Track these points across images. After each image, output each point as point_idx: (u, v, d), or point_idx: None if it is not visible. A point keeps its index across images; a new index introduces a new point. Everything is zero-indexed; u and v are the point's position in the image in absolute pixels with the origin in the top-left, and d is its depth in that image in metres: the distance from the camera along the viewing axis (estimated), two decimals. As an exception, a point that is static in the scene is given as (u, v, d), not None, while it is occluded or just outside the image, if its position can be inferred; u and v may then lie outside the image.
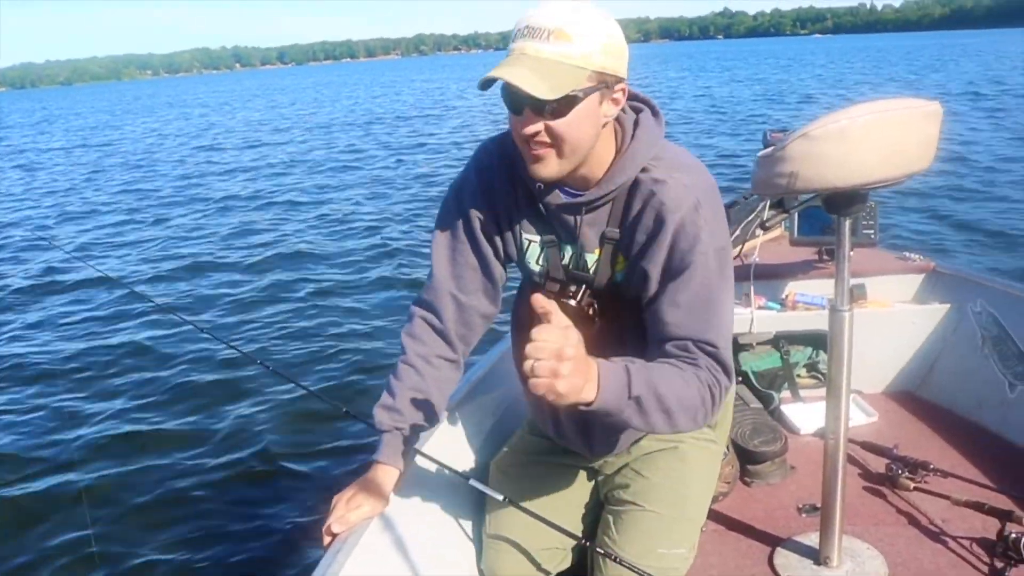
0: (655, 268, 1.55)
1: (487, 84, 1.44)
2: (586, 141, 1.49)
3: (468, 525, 2.11)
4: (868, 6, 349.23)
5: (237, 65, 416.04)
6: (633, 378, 1.39)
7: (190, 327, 5.69)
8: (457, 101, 33.84)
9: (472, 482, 1.87)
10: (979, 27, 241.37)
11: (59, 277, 8.33)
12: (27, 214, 12.74)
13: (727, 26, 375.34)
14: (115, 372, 5.65)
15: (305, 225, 10.58)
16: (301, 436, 4.43)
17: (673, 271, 1.53)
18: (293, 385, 2.28)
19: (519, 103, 1.44)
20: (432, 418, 1.85)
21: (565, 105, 1.42)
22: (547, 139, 1.46)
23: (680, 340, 1.52)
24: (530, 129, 1.45)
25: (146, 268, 8.65)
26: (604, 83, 1.45)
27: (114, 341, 6.33)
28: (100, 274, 7.00)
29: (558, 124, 1.44)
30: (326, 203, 12.15)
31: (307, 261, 8.56)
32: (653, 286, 1.56)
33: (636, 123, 1.58)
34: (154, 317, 6.63)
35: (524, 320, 1.91)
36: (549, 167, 1.51)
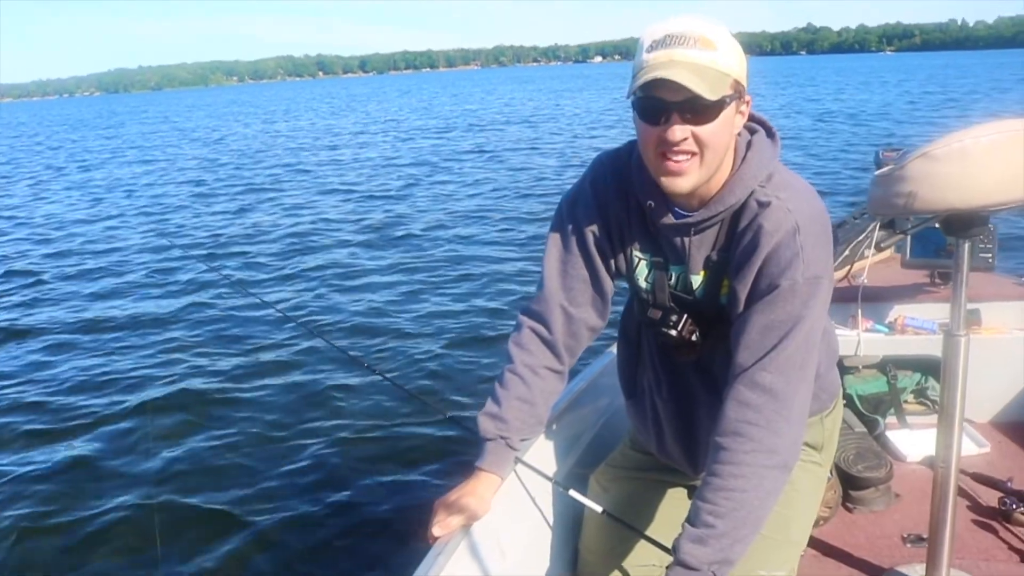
0: (744, 289, 1.53)
1: (647, 87, 1.41)
2: (723, 151, 1.49)
3: (566, 536, 2.12)
4: (959, 22, 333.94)
5: (320, 73, 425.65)
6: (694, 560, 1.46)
7: (298, 327, 5.93)
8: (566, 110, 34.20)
9: (572, 493, 1.88)
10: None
11: (166, 263, 8.87)
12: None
13: (810, 42, 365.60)
14: (212, 361, 5.94)
15: (411, 228, 10.82)
16: (403, 439, 4.54)
17: (759, 293, 1.50)
18: (398, 389, 2.33)
19: (665, 109, 1.42)
20: (536, 428, 1.86)
21: (715, 109, 1.42)
22: (692, 147, 1.45)
23: (745, 372, 1.50)
24: (678, 134, 1.43)
25: (254, 264, 9.06)
26: (739, 93, 1.46)
27: (217, 333, 6.67)
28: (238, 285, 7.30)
29: (705, 130, 1.43)
30: (437, 207, 12.44)
31: (413, 266, 8.75)
32: (740, 307, 1.54)
33: (749, 144, 1.57)
34: (258, 311, 6.93)
35: (630, 334, 1.92)
36: (688, 180, 1.48)
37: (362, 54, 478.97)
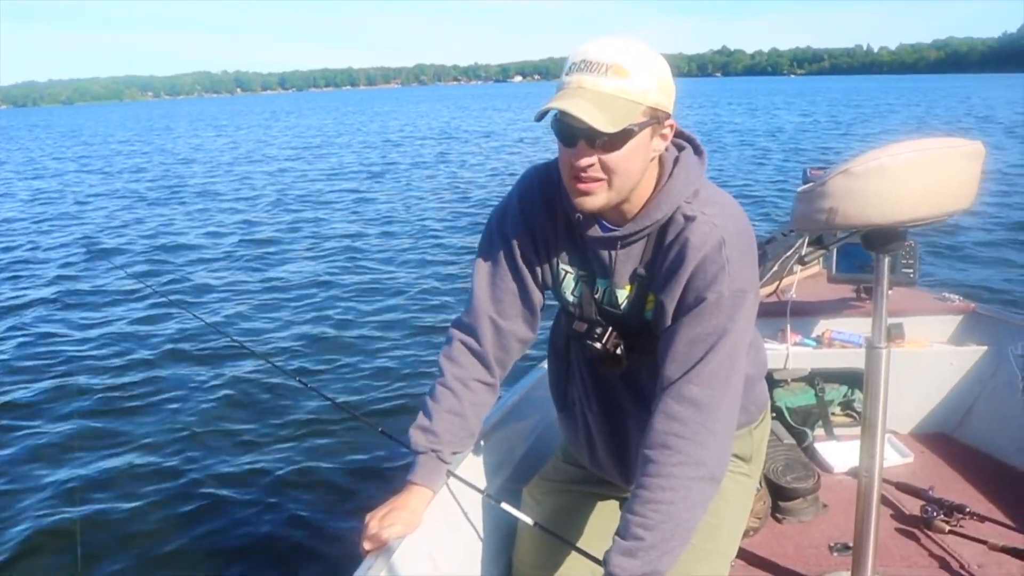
0: (671, 302, 1.55)
1: (544, 115, 1.45)
2: (635, 175, 1.51)
3: (498, 549, 2.12)
4: (865, 48, 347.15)
5: (238, 90, 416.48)
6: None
7: (227, 340, 5.83)
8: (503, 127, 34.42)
9: (504, 506, 1.88)
10: (974, 71, 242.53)
11: (97, 281, 8.55)
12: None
13: (725, 64, 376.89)
14: (146, 380, 5.78)
15: (343, 242, 10.79)
16: (334, 453, 4.50)
17: (686, 307, 1.53)
18: (330, 403, 2.31)
19: (573, 135, 1.45)
20: (467, 441, 1.86)
21: (621, 139, 1.44)
22: (599, 172, 1.48)
23: (672, 384, 1.52)
24: (584, 161, 1.46)
25: (183, 280, 8.84)
26: (656, 119, 1.47)
27: (147, 347, 6.52)
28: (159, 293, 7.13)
29: (611, 157, 1.46)
30: (366, 221, 12.44)
31: (345, 280, 8.71)
32: (667, 321, 1.56)
33: (677, 160, 1.60)
34: (191, 329, 6.78)
35: (559, 347, 1.93)
36: (596, 200, 1.52)
37: (281, 71, 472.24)
